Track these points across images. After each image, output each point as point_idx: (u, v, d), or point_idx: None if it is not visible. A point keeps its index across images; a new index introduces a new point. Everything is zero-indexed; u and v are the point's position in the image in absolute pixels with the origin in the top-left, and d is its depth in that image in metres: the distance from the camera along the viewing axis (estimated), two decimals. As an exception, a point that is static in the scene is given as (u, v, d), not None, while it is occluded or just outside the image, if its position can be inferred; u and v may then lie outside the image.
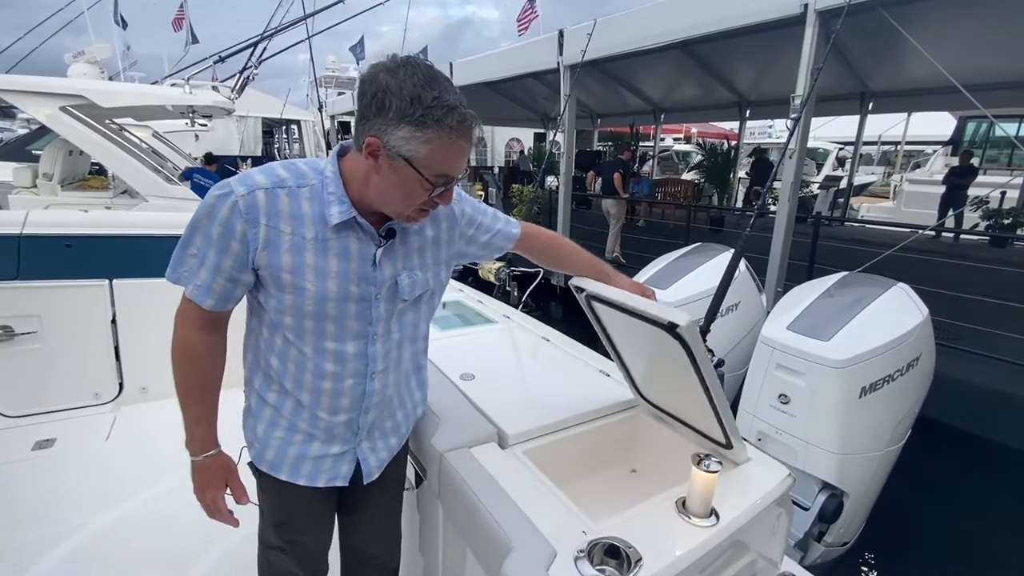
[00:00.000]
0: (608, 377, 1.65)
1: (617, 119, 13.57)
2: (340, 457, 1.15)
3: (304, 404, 1.09)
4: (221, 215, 0.95)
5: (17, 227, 4.40)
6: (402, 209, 0.99)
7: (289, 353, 1.06)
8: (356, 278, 1.03)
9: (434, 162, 0.92)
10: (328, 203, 0.99)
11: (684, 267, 3.09)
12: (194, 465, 1.09)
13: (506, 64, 7.99)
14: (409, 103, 0.88)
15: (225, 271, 0.98)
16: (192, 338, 1.04)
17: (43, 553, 1.78)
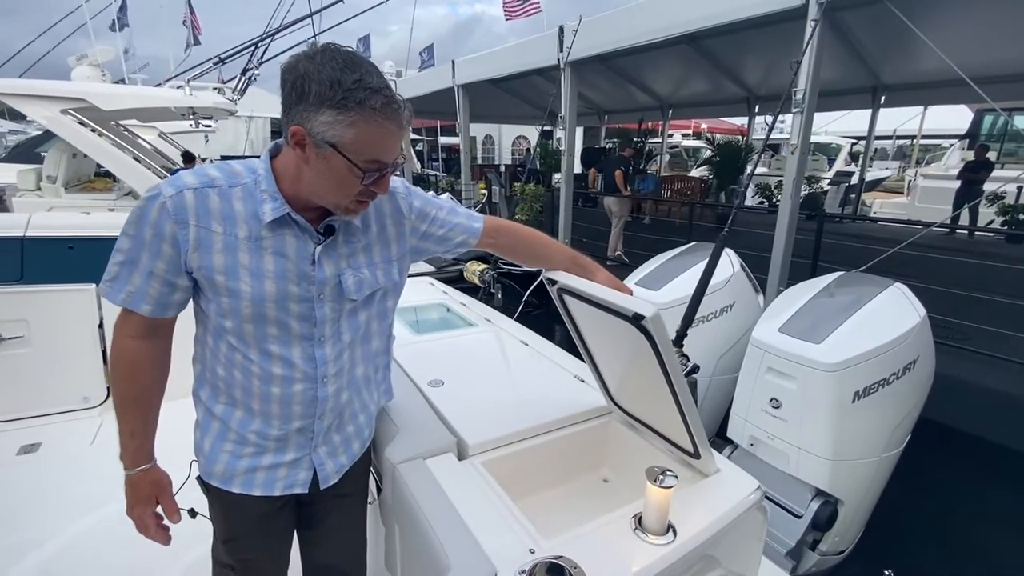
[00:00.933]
0: (583, 383, 1.60)
1: (625, 115, 13.42)
2: (296, 464, 1.11)
3: (255, 412, 1.05)
4: (151, 217, 0.93)
5: (20, 230, 4.46)
6: (337, 200, 0.96)
7: (234, 359, 1.02)
8: (295, 277, 0.99)
9: (362, 146, 0.89)
10: (261, 201, 0.96)
11: (678, 267, 3.02)
12: (126, 479, 1.05)
13: (508, 61, 7.93)
14: (328, 86, 0.85)
15: (159, 275, 0.96)
16: (130, 346, 1.00)
17: (21, 558, 1.78)
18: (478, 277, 2.60)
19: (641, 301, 1.02)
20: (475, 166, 13.47)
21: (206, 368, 1.07)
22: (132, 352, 1.01)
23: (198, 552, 1.83)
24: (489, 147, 23.59)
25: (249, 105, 11.01)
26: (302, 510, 1.22)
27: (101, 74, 5.58)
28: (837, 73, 7.30)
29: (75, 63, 5.68)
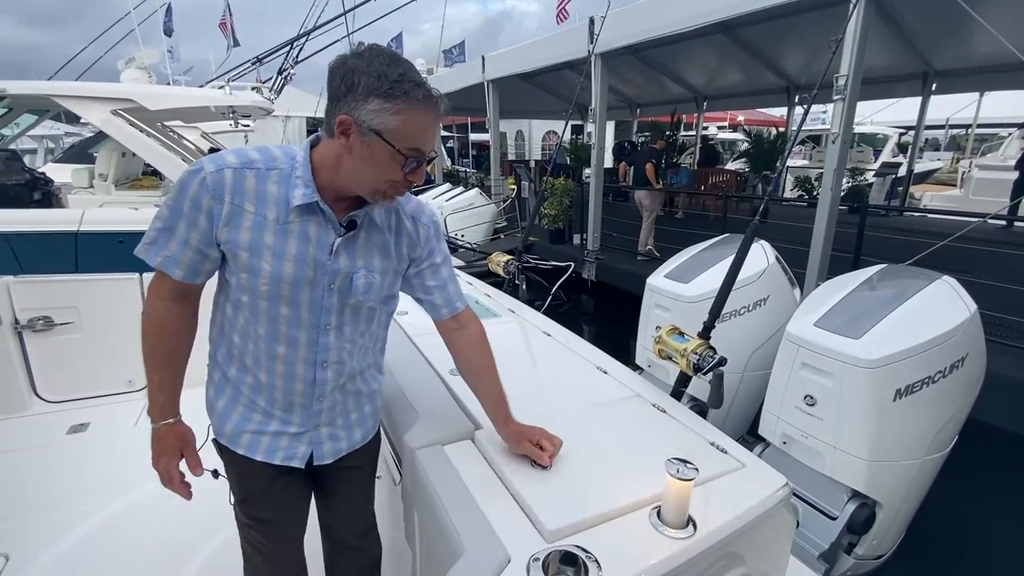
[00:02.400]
0: (605, 374, 1.57)
1: (657, 108, 13.15)
2: (298, 437, 1.16)
3: (263, 383, 1.11)
4: (191, 190, 0.99)
5: (75, 224, 4.73)
6: (376, 185, 1.00)
7: (248, 332, 1.08)
8: (312, 263, 1.04)
9: (404, 134, 0.95)
10: (294, 186, 1.01)
11: (709, 259, 2.93)
12: (153, 432, 1.11)
13: (537, 55, 7.88)
14: (377, 78, 0.91)
15: (193, 244, 1.01)
16: (161, 307, 1.07)
17: (70, 530, 1.89)
18: (503, 268, 2.60)
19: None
20: (505, 162, 13.47)
21: (223, 334, 1.12)
22: (163, 313, 1.07)
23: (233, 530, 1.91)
24: (520, 143, 23.55)
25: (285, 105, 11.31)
26: (316, 479, 1.27)
27: (148, 76, 5.84)
28: (884, 59, 6.95)
29: (123, 66, 5.96)
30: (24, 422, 2.55)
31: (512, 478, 1.08)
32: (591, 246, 6.75)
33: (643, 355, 3.10)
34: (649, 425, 1.32)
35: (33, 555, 1.76)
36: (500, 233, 9.06)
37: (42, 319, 2.64)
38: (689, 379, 1.61)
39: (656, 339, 1.50)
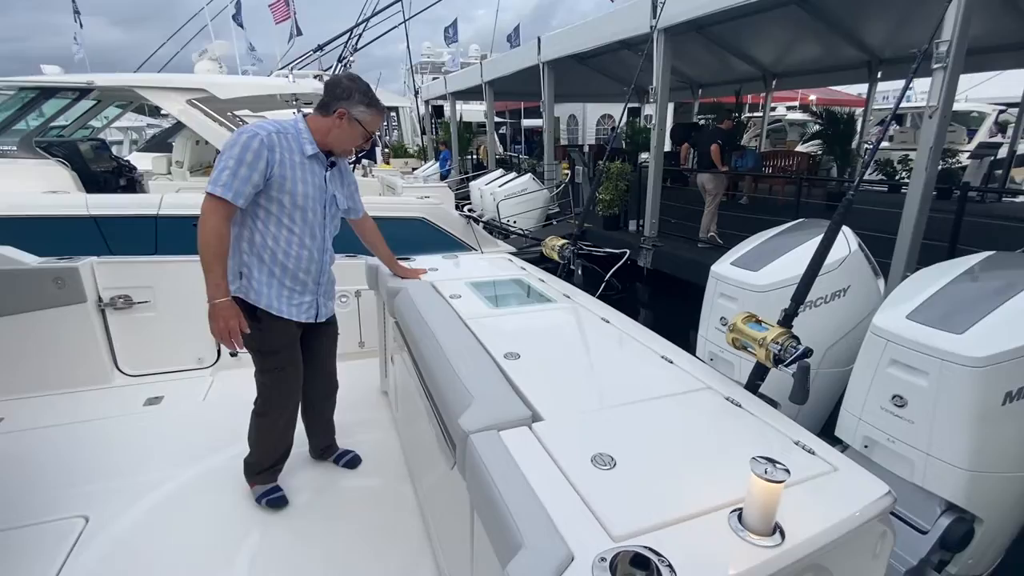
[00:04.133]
0: (671, 364, 1.46)
1: (721, 88, 12.47)
2: (311, 303, 1.92)
3: (290, 268, 1.81)
4: (254, 146, 1.63)
5: (154, 208, 5.05)
6: (349, 147, 1.89)
7: (280, 234, 1.77)
8: (318, 185, 1.82)
9: (369, 125, 1.84)
10: (304, 142, 1.77)
11: (781, 246, 2.71)
12: (216, 306, 1.64)
13: (595, 34, 7.60)
14: (363, 93, 1.80)
15: (253, 181, 1.65)
16: (220, 224, 1.63)
17: (143, 496, 2.00)
18: (557, 253, 2.50)
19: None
20: (558, 146, 13.24)
21: (257, 243, 1.76)
22: (221, 228, 1.63)
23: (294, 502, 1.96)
24: (573, 127, 23.11)
25: (345, 93, 11.58)
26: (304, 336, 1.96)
27: (219, 67, 6.11)
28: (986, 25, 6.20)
29: (197, 58, 6.27)
30: (106, 393, 2.74)
31: (574, 471, 1.00)
32: (648, 232, 6.49)
33: (705, 347, 2.93)
34: (723, 420, 1.21)
35: (110, 519, 1.87)
36: (552, 219, 8.92)
37: (122, 297, 2.82)
38: (766, 372, 1.47)
39: (730, 327, 1.37)
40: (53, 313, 2.64)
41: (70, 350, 2.71)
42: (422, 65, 21.71)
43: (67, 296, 2.64)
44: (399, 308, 2.04)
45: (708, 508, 0.91)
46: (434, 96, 16.75)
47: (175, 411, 2.61)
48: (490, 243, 6.91)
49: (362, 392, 2.86)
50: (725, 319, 2.74)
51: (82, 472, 2.11)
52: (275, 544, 1.81)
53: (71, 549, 1.73)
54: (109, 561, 1.70)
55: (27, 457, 2.20)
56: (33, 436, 2.35)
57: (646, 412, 1.23)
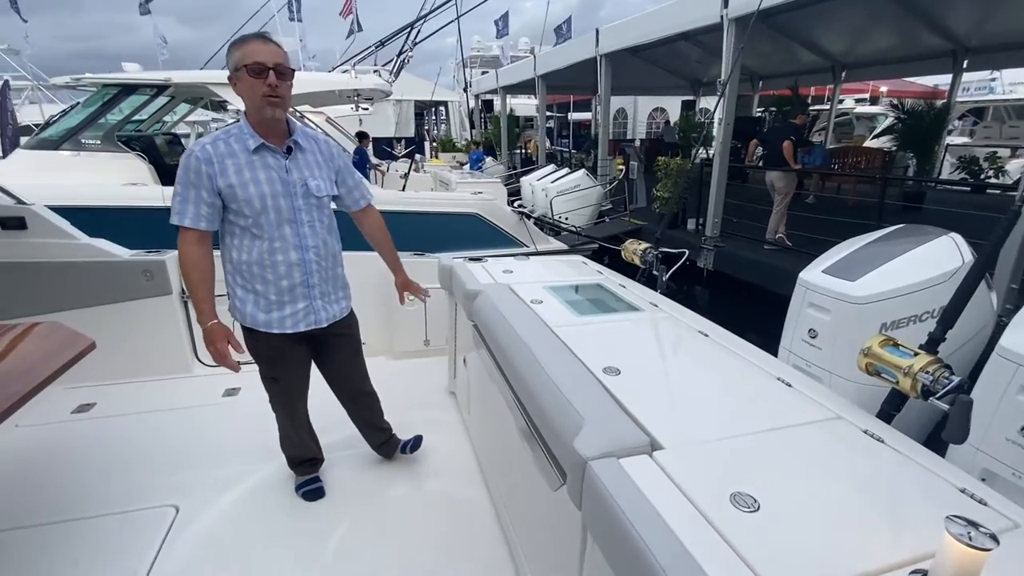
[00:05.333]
0: (789, 388, 1.34)
1: (784, 80, 11.88)
2: (306, 310, 1.76)
3: (270, 280, 1.68)
4: (192, 164, 1.56)
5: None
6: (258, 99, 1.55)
7: (253, 245, 1.65)
8: (279, 180, 1.64)
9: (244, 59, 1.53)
10: (246, 138, 1.61)
11: (881, 254, 2.50)
12: (207, 330, 1.65)
13: (656, 25, 7.35)
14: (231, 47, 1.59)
15: (204, 199, 1.58)
16: (192, 251, 1.61)
17: (229, 488, 2.04)
18: (639, 257, 2.39)
19: None
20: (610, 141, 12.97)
21: (234, 261, 1.68)
22: (195, 254, 1.61)
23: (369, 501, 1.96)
24: (621, 121, 22.63)
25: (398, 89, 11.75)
26: (317, 346, 1.88)
27: (284, 64, 6.26)
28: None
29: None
30: (187, 383, 2.83)
31: (712, 511, 0.91)
32: (710, 232, 6.24)
33: (788, 360, 2.74)
34: (868, 458, 1.08)
35: (199, 509, 1.92)
36: (605, 216, 8.73)
37: (203, 289, 2.90)
38: (902, 402, 1.33)
39: (864, 351, 1.24)
40: (141, 304, 2.75)
41: (156, 340, 2.81)
42: (471, 59, 21.74)
43: (155, 288, 2.74)
44: (480, 312, 1.99)
45: (881, 568, 0.80)
46: (484, 90, 16.75)
47: (251, 404, 2.66)
48: (542, 240, 6.82)
49: (428, 391, 2.84)
50: (814, 331, 2.56)
51: (170, 461, 2.18)
52: (352, 540, 1.82)
53: (164, 537, 1.78)
54: (200, 551, 1.74)
55: (118, 442, 2.30)
56: (123, 422, 2.46)
57: (777, 445, 1.12)
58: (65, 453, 2.21)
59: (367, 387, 2.08)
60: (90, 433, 2.37)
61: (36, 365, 1.56)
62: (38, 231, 2.57)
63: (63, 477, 2.07)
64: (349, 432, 2.16)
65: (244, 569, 1.69)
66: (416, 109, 18.49)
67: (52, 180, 5.03)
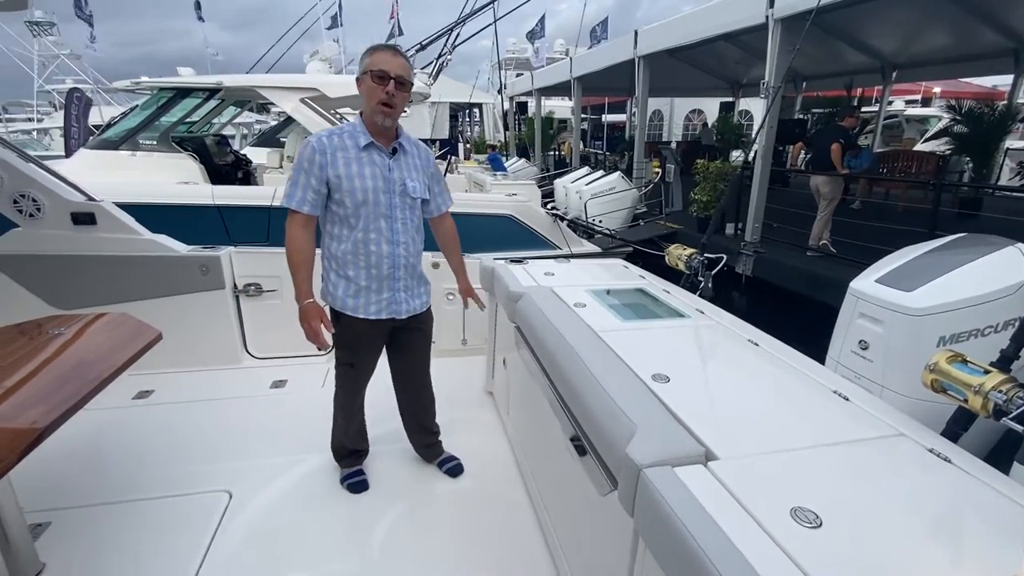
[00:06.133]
0: (847, 402, 1.31)
1: (829, 81, 11.50)
2: (390, 299, 1.88)
3: (361, 266, 1.81)
4: (307, 154, 1.72)
5: (268, 200, 5.41)
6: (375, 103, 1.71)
7: (350, 235, 1.79)
8: (380, 177, 1.78)
9: (373, 65, 1.71)
10: (358, 135, 1.77)
11: (939, 264, 2.39)
12: (303, 308, 1.76)
13: (697, 27, 7.23)
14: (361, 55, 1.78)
15: (313, 186, 1.72)
16: (299, 233, 1.74)
17: (279, 476, 2.12)
18: (684, 263, 2.37)
19: None
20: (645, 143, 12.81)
21: (332, 248, 1.82)
22: (300, 236, 1.74)
23: (416, 498, 2.00)
24: (657, 123, 22.31)
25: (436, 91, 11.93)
26: (392, 338, 2.00)
27: (328, 67, 6.43)
28: None
29: (308, 59, 6.64)
30: (237, 374, 2.95)
31: (772, 525, 0.90)
32: (750, 237, 6.09)
33: (836, 372, 2.66)
34: (935, 479, 1.05)
35: (251, 496, 2.00)
36: (640, 219, 8.63)
37: (253, 285, 3.02)
38: (972, 420, 1.28)
39: (929, 367, 1.20)
40: (197, 297, 2.88)
41: (209, 332, 2.94)
42: (506, 61, 21.83)
43: (210, 282, 2.87)
44: (523, 314, 2.00)
45: None
46: (519, 92, 16.79)
47: (298, 395, 2.76)
48: (575, 242, 6.80)
49: (465, 390, 2.88)
50: (865, 342, 2.47)
51: (222, 448, 2.28)
52: (395, 534, 1.86)
53: (219, 522, 1.86)
54: (252, 537, 1.82)
55: (175, 428, 2.41)
56: (179, 409, 2.58)
57: (837, 460, 1.09)
58: (128, 437, 2.34)
59: (428, 384, 2.16)
60: (149, 418, 2.49)
61: (111, 353, 1.66)
62: (106, 226, 2.72)
63: (127, 459, 2.19)
64: (393, 427, 2.22)
65: (292, 557, 1.76)
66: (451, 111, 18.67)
67: (112, 178, 5.31)
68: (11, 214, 2.61)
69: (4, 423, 1.28)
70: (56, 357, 1.67)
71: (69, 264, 2.72)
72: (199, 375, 2.89)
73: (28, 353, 1.70)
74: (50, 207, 2.64)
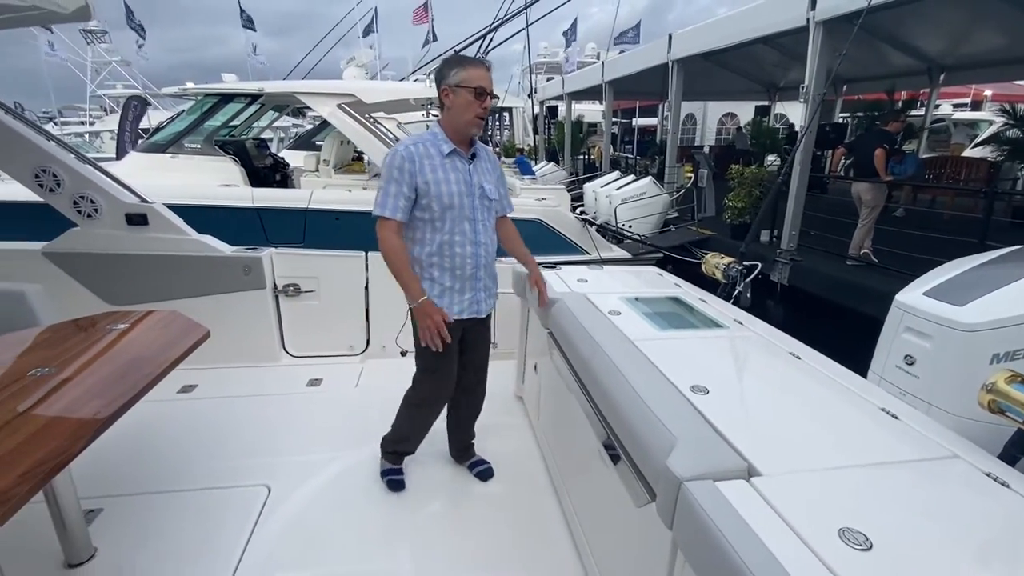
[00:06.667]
0: (897, 420, 1.27)
1: (870, 84, 11.12)
2: (471, 299, 1.96)
3: (447, 268, 1.88)
4: (397, 163, 1.78)
5: (304, 203, 5.57)
6: (471, 117, 1.80)
7: (434, 238, 1.86)
8: (463, 181, 1.86)
9: (471, 81, 1.77)
10: (440, 143, 1.84)
11: (994, 277, 2.29)
12: (417, 307, 1.81)
13: (733, 30, 7.10)
14: (452, 62, 1.82)
15: (404, 194, 1.79)
16: (394, 239, 1.81)
17: (316, 473, 2.17)
18: (722, 272, 2.33)
19: None
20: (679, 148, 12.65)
21: (418, 252, 1.88)
22: (395, 241, 1.81)
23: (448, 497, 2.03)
24: (689, 127, 21.97)
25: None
26: (463, 338, 2.03)
27: (364, 73, 6.58)
28: None
29: (345, 65, 6.81)
30: (275, 371, 3.04)
31: (820, 545, 0.88)
32: (786, 245, 5.93)
33: (879, 387, 2.57)
34: (993, 504, 1.00)
35: (289, 491, 2.05)
36: (671, 225, 8.51)
37: (292, 286, 3.11)
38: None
39: (987, 387, 1.15)
40: (239, 296, 2.98)
41: (250, 329, 3.04)
42: (537, 65, 21.88)
43: (252, 282, 2.97)
44: (557, 320, 2.00)
45: None
46: (550, 97, 16.79)
47: (333, 394, 2.83)
48: (605, 247, 6.76)
49: (495, 394, 2.86)
50: (911, 357, 2.38)
51: (261, 443, 2.35)
52: (428, 536, 1.89)
53: (259, 515, 1.92)
54: (290, 531, 1.87)
55: (217, 423, 2.50)
56: (221, 404, 2.67)
57: (887, 481, 1.06)
58: (174, 429, 2.44)
59: (484, 380, 2.22)
60: (194, 412, 2.59)
61: (163, 350, 1.73)
62: (157, 227, 2.85)
63: (173, 450, 2.28)
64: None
65: (328, 552, 1.80)
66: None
67: (159, 180, 5.55)
68: (71, 214, 2.76)
69: (69, 414, 1.35)
70: (112, 353, 1.76)
71: (122, 262, 2.85)
72: (240, 371, 2.99)
73: (85, 348, 1.79)
74: (106, 208, 2.78)
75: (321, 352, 3.18)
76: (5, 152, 2.60)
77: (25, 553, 1.69)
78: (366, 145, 5.80)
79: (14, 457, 1.12)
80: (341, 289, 3.16)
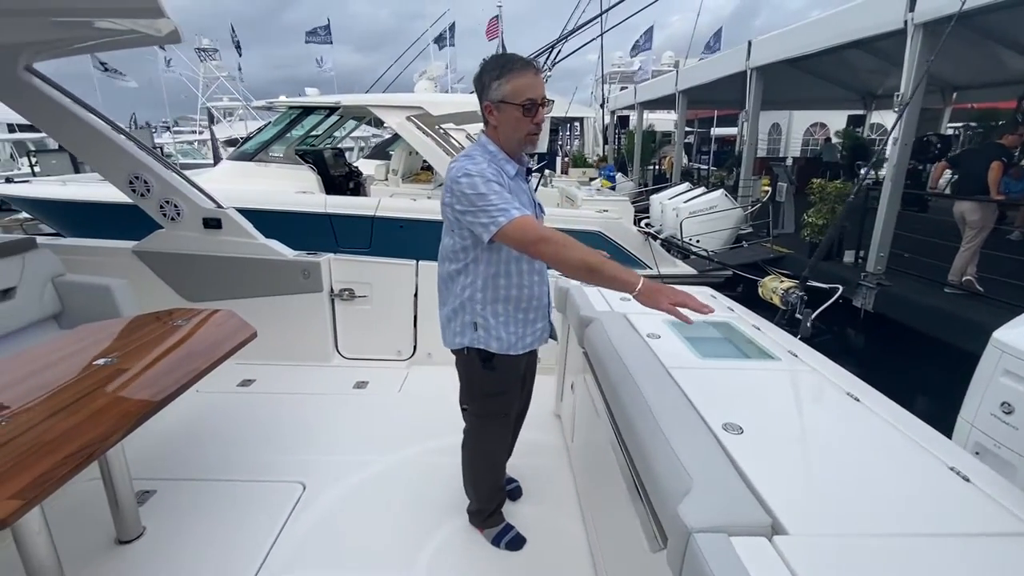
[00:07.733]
0: (967, 482, 1.08)
1: (985, 92, 9.96)
2: (542, 328, 1.77)
3: (523, 298, 1.66)
4: (488, 174, 1.47)
5: (372, 210, 5.83)
6: (523, 134, 1.53)
7: (510, 270, 1.62)
8: (529, 202, 1.64)
9: (517, 94, 1.47)
10: (503, 163, 1.57)
11: (1122, 318, 1.93)
12: (642, 290, 1.36)
13: (820, 35, 6.62)
14: (491, 69, 1.48)
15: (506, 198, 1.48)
16: (548, 232, 1.44)
17: (353, 472, 2.23)
18: (780, 298, 2.14)
19: None
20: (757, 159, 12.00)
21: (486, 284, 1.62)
22: (554, 233, 1.43)
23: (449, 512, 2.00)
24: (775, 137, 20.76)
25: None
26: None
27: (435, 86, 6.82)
28: None
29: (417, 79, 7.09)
30: (326, 371, 3.17)
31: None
32: (873, 267, 5.39)
33: (969, 436, 2.25)
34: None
35: (322, 489, 2.12)
36: (743, 241, 8.04)
37: (347, 290, 3.24)
38: None
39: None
40: (299, 298, 3.15)
41: (307, 330, 3.21)
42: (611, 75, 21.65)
43: (311, 285, 3.14)
44: (591, 341, 1.93)
45: None
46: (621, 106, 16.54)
47: (378, 397, 2.90)
48: (668, 262, 6.50)
49: (533, 410, 2.81)
50: (1010, 405, 2.06)
51: (303, 440, 2.45)
52: (452, 549, 1.87)
53: (291, 511, 1.99)
54: (321, 528, 1.92)
55: (266, 417, 2.64)
56: (271, 399, 2.82)
57: (944, 556, 0.90)
58: (227, 420, 2.61)
59: (528, 403, 2.08)
60: (248, 405, 2.76)
61: (214, 347, 1.86)
62: (230, 230, 3.08)
63: (224, 440, 2.44)
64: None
65: (352, 554, 1.83)
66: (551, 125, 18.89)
67: (245, 186, 6.04)
68: (158, 217, 3.05)
69: (119, 403, 1.47)
70: (171, 346, 1.91)
71: (198, 263, 3.11)
72: (295, 369, 3.15)
73: (157, 338, 1.97)
74: (187, 212, 3.05)
75: (370, 355, 3.28)
76: (107, 160, 2.92)
77: (80, 527, 1.85)
78: (431, 155, 6.00)
79: (62, 441, 1.23)
80: (392, 295, 3.25)
